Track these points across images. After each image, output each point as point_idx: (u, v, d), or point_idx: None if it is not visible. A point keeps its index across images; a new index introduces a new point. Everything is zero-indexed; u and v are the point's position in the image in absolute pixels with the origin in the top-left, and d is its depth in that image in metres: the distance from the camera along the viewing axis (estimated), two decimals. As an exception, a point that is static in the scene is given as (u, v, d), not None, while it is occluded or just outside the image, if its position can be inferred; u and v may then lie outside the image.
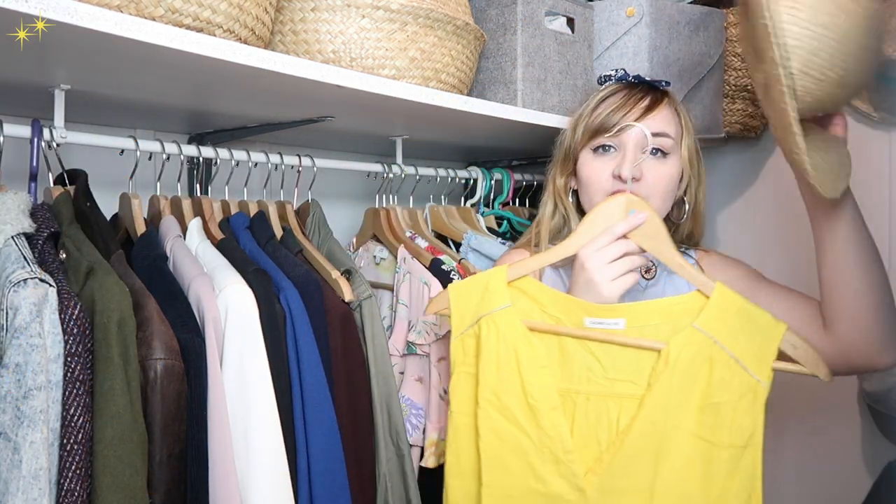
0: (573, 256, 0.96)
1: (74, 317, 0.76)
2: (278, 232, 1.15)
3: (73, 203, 0.93)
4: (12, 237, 0.80)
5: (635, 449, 0.86)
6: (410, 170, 1.41)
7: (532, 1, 1.27)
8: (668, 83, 1.12)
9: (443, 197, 1.53)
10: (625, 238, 0.92)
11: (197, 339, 0.86)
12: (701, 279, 0.89)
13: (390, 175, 1.38)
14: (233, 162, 1.16)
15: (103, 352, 0.77)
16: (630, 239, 0.92)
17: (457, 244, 1.43)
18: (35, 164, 0.93)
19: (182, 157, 1.10)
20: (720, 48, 1.50)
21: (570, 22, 1.36)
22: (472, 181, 1.57)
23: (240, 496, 0.85)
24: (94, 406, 0.76)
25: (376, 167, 1.37)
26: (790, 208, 1.13)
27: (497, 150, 1.67)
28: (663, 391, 0.86)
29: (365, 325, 1.09)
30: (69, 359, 0.75)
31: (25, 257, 0.77)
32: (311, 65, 0.93)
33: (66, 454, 0.73)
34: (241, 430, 0.87)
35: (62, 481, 0.73)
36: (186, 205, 1.09)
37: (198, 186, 1.26)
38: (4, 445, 0.70)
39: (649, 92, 1.09)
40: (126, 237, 1.06)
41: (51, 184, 0.99)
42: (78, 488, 0.73)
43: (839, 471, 1.57)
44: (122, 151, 1.05)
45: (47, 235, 0.85)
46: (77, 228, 0.90)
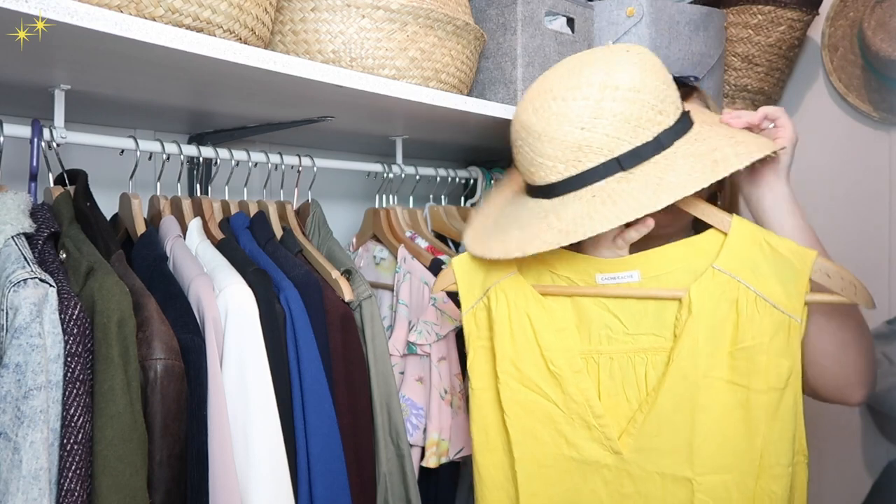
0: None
1: (74, 317, 0.76)
2: (278, 232, 1.15)
3: (73, 203, 0.93)
4: (12, 237, 0.80)
5: (669, 405, 0.82)
6: (410, 170, 1.41)
7: (532, 1, 1.27)
8: (697, 78, 1.11)
9: (443, 197, 1.53)
10: None
11: (197, 339, 0.86)
12: (716, 215, 0.83)
13: (390, 175, 1.38)
14: (233, 162, 1.16)
15: (103, 352, 0.77)
16: None
17: (456, 244, 1.43)
18: (35, 164, 0.93)
19: (182, 157, 1.10)
20: (720, 48, 1.50)
21: (570, 22, 1.36)
22: (472, 181, 1.57)
23: (240, 496, 0.85)
24: (94, 406, 0.76)
25: (376, 167, 1.37)
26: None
27: (497, 150, 1.67)
28: (690, 342, 0.81)
29: (365, 325, 1.09)
30: (69, 359, 0.75)
31: (25, 257, 0.77)
32: (311, 65, 0.93)
33: (66, 454, 0.73)
34: (241, 430, 0.87)
35: (62, 481, 0.73)
36: (186, 205, 1.09)
37: (198, 186, 1.26)
38: (4, 445, 0.70)
39: (680, 87, 1.07)
40: (126, 237, 1.06)
41: (51, 184, 0.99)
42: (78, 488, 0.73)
43: (840, 471, 1.57)
44: (122, 151, 1.05)
45: (47, 235, 0.85)
46: (77, 228, 0.90)
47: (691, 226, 1.04)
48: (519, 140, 0.88)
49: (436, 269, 1.22)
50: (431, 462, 1.14)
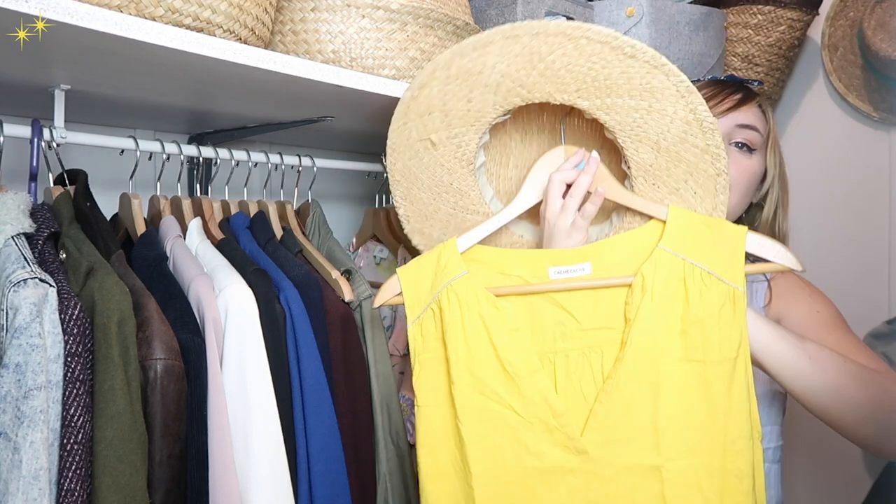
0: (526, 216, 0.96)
1: (74, 317, 0.76)
2: (278, 232, 1.15)
3: (73, 203, 0.93)
4: (12, 237, 0.80)
5: (629, 388, 0.81)
6: (410, 170, 1.41)
7: (532, 1, 1.27)
8: (762, 83, 1.10)
9: (443, 197, 1.53)
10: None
11: (197, 339, 0.86)
12: (651, 206, 0.87)
13: (388, 175, 1.37)
14: (233, 162, 1.16)
15: (103, 352, 0.77)
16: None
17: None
18: (35, 164, 0.93)
19: (182, 157, 1.10)
20: (720, 48, 1.50)
21: (570, 22, 1.36)
22: (472, 181, 1.57)
23: (240, 496, 0.85)
24: (94, 406, 0.76)
25: (376, 167, 1.37)
26: (791, 206, 1.13)
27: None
28: (645, 320, 0.82)
29: (365, 325, 1.09)
30: (69, 359, 0.75)
31: (25, 257, 0.77)
32: (311, 65, 0.93)
33: (66, 454, 0.73)
34: (241, 430, 0.87)
35: (62, 481, 0.73)
36: (186, 205, 1.09)
37: (198, 186, 1.26)
38: (4, 445, 0.70)
39: (742, 88, 1.08)
40: (126, 237, 1.06)
41: (51, 184, 0.99)
42: (78, 488, 0.73)
43: (840, 471, 1.57)
44: (122, 151, 1.05)
45: (47, 235, 0.85)
46: (77, 228, 0.90)
47: None
48: None
49: None
50: None
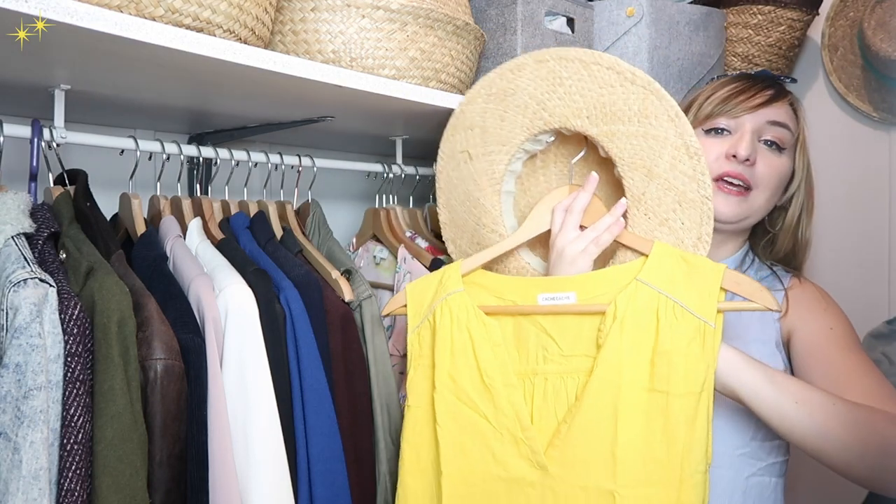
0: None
1: (74, 317, 0.76)
2: (278, 232, 1.15)
3: (73, 203, 0.93)
4: (12, 237, 0.80)
5: (592, 413, 0.84)
6: (410, 170, 1.41)
7: (532, 1, 1.27)
8: (795, 80, 1.08)
9: (443, 197, 1.53)
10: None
11: (197, 339, 0.86)
12: (639, 241, 0.91)
13: (390, 175, 1.38)
14: (233, 162, 1.16)
15: (103, 352, 0.77)
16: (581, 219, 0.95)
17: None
18: (35, 164, 0.93)
19: (182, 157, 1.10)
20: (720, 48, 1.50)
21: (570, 22, 1.36)
22: (472, 181, 1.57)
23: (240, 496, 0.85)
24: (94, 406, 0.76)
25: (376, 167, 1.37)
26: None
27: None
28: (613, 347, 0.85)
29: (365, 325, 1.09)
30: (69, 359, 0.75)
31: (25, 257, 0.77)
32: (311, 65, 0.93)
33: (66, 454, 0.73)
34: (241, 430, 0.87)
35: (62, 481, 0.73)
36: (186, 205, 1.09)
37: (198, 186, 1.26)
38: (4, 445, 0.70)
39: (774, 84, 1.05)
40: (126, 237, 1.06)
41: (51, 184, 0.99)
42: (78, 488, 0.73)
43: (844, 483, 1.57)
44: (122, 151, 1.05)
45: (47, 235, 0.85)
46: (77, 228, 0.90)
47: None
48: None
49: (436, 269, 1.22)
50: None
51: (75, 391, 0.75)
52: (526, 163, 1.07)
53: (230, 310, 0.89)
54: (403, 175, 1.39)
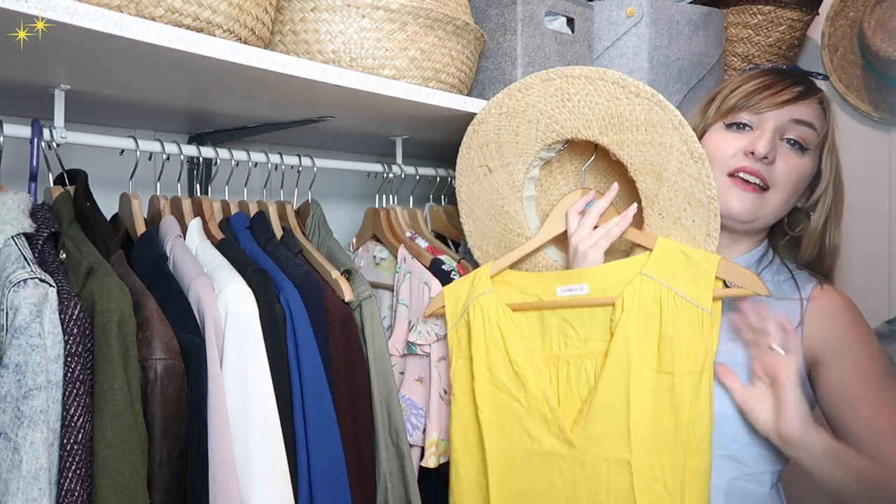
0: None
1: (74, 317, 0.76)
2: (278, 232, 1.15)
3: (73, 203, 0.93)
4: (12, 237, 0.80)
5: (607, 393, 0.95)
6: (410, 170, 1.41)
7: (532, 1, 1.27)
8: (826, 77, 1.05)
9: (443, 197, 1.53)
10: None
11: (197, 339, 0.86)
12: (644, 237, 1.01)
13: (390, 175, 1.38)
14: (233, 162, 1.16)
15: (103, 352, 0.77)
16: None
17: (456, 244, 1.43)
18: (35, 164, 0.93)
19: (182, 157, 1.10)
20: (720, 48, 1.50)
21: (570, 22, 1.36)
22: (472, 181, 1.56)
23: (240, 496, 0.85)
24: (94, 406, 0.76)
25: (376, 167, 1.37)
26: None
27: (497, 150, 1.67)
28: (622, 335, 0.95)
29: (365, 325, 1.09)
30: (69, 359, 0.75)
31: (25, 257, 0.77)
32: (311, 65, 0.93)
33: (66, 454, 0.73)
34: (241, 430, 0.87)
35: (62, 481, 0.73)
36: (186, 205, 1.09)
37: (198, 186, 1.26)
38: (4, 445, 0.70)
39: (804, 81, 1.02)
40: (126, 237, 1.06)
41: (51, 184, 0.99)
42: (78, 488, 0.73)
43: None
44: (122, 151, 1.05)
45: (47, 235, 0.85)
46: (77, 228, 0.90)
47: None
48: None
49: (436, 269, 1.22)
50: (431, 462, 1.14)
51: (75, 391, 0.75)
52: (543, 167, 1.16)
53: (230, 310, 0.89)
54: (403, 175, 1.39)
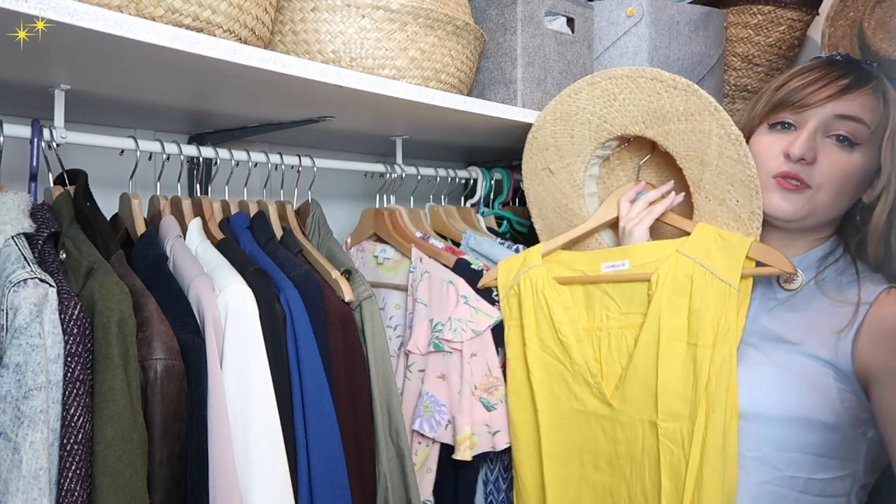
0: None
1: (74, 317, 0.76)
2: (278, 232, 1.15)
3: (73, 203, 0.93)
4: (12, 237, 0.80)
5: (641, 361, 1.03)
6: (411, 170, 1.41)
7: (532, 1, 1.27)
8: (879, 65, 1.01)
9: (443, 197, 1.53)
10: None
11: (197, 339, 0.86)
12: (684, 222, 1.10)
13: (391, 175, 1.38)
14: (233, 162, 1.16)
15: (103, 352, 0.77)
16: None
17: (456, 244, 1.43)
18: (35, 164, 0.93)
19: (182, 157, 1.10)
20: (720, 48, 1.50)
21: (570, 22, 1.36)
22: (472, 181, 1.57)
23: (240, 496, 0.85)
24: (94, 406, 0.76)
25: (376, 167, 1.37)
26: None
27: (497, 150, 1.67)
28: (656, 308, 1.02)
29: (365, 325, 1.09)
30: (69, 359, 0.75)
31: (25, 257, 0.77)
32: (311, 65, 0.93)
33: (66, 454, 0.73)
34: (241, 431, 0.87)
35: (62, 481, 0.73)
36: (186, 205, 1.09)
37: (198, 186, 1.26)
38: (4, 445, 0.70)
39: (854, 71, 0.97)
40: (126, 237, 1.06)
41: (51, 184, 0.99)
42: (78, 488, 0.73)
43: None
44: (122, 151, 1.05)
45: (47, 235, 0.85)
46: (77, 228, 0.90)
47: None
48: None
49: (461, 270, 1.22)
50: (467, 455, 1.14)
51: (75, 391, 0.75)
52: (603, 165, 1.24)
53: (230, 310, 0.89)
54: (403, 175, 1.39)
